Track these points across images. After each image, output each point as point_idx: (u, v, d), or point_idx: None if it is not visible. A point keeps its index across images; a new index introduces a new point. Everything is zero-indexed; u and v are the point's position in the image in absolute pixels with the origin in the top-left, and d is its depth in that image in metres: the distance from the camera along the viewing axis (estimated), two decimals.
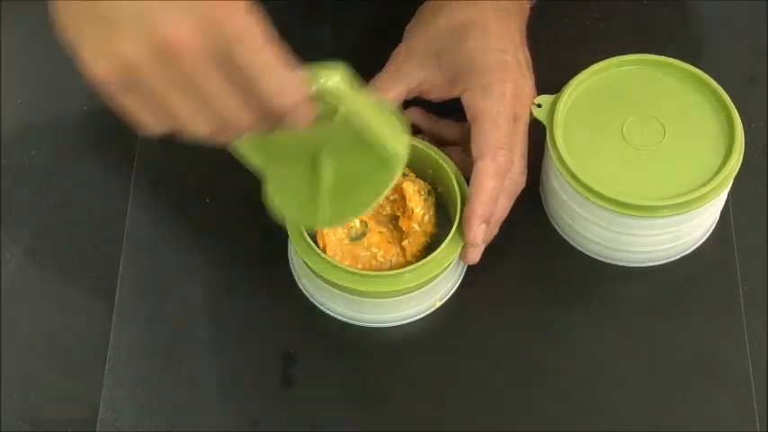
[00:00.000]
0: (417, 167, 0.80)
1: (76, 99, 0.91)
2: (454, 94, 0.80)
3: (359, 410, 0.77)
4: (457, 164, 0.79)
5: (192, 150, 0.88)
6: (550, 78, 0.80)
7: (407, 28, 0.83)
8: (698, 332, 0.79)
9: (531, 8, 0.85)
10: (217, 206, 0.85)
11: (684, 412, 0.77)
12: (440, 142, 0.82)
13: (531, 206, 0.83)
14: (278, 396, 0.78)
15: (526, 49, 0.82)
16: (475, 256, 0.78)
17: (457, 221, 0.77)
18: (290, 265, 0.82)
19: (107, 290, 0.82)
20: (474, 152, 0.77)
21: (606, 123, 0.79)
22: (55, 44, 0.95)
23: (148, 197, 0.86)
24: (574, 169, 0.76)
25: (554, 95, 0.80)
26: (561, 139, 0.78)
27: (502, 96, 0.77)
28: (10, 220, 0.86)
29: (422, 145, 0.80)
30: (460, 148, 0.81)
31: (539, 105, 0.80)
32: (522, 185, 0.79)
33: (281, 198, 0.73)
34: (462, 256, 0.78)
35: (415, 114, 0.83)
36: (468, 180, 0.77)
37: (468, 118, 0.78)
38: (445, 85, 0.80)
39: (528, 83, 0.80)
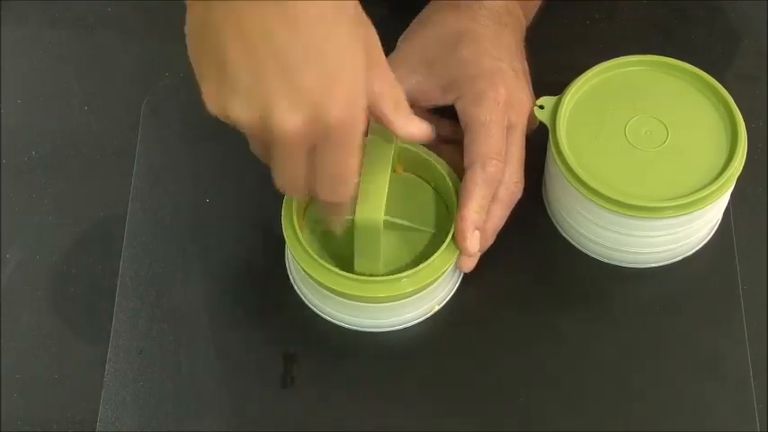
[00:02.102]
0: (412, 171, 0.81)
1: (76, 99, 0.92)
2: (447, 101, 0.79)
3: (358, 412, 0.77)
4: (450, 163, 0.79)
5: (192, 150, 0.89)
6: (551, 79, 0.80)
7: (401, 37, 0.83)
8: (698, 332, 0.79)
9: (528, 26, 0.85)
10: (217, 206, 0.85)
11: (684, 412, 0.77)
12: (437, 140, 0.82)
13: (532, 207, 0.83)
14: (278, 396, 0.78)
15: (524, 62, 0.82)
16: (470, 264, 0.78)
17: (453, 227, 0.77)
18: (288, 270, 0.82)
19: (107, 290, 0.82)
20: (465, 160, 0.77)
21: (609, 124, 0.79)
22: (55, 44, 0.96)
23: (148, 197, 0.86)
24: (576, 170, 0.76)
25: (556, 97, 0.80)
26: (564, 140, 0.78)
27: (495, 104, 0.77)
28: (10, 220, 0.86)
29: (415, 149, 0.79)
30: (455, 147, 0.81)
31: (541, 107, 0.79)
32: (519, 195, 0.79)
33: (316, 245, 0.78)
34: (457, 264, 0.78)
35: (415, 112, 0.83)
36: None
37: (461, 126, 0.78)
38: (437, 92, 0.79)
39: (524, 91, 0.80)
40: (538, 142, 0.80)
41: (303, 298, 0.81)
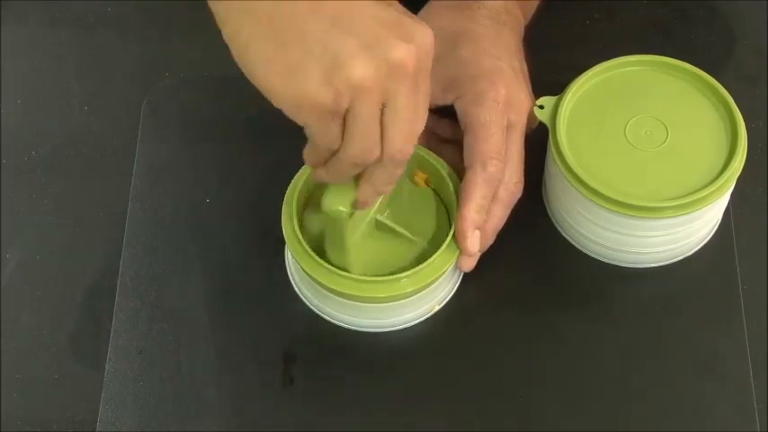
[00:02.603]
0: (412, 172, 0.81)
1: (76, 99, 0.92)
2: (447, 101, 0.79)
3: (358, 412, 0.77)
4: (449, 163, 0.79)
5: (192, 150, 0.89)
6: (551, 79, 0.80)
7: None
8: (698, 332, 0.79)
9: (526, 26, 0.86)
10: (217, 206, 0.85)
11: (684, 412, 0.77)
12: (437, 140, 0.82)
13: (532, 207, 0.83)
14: (278, 396, 0.78)
15: (523, 61, 0.82)
16: (470, 264, 0.78)
17: (453, 227, 0.77)
18: (288, 271, 0.82)
19: (107, 290, 0.82)
20: (465, 161, 0.77)
21: (609, 124, 0.79)
22: (55, 44, 0.96)
23: (148, 197, 0.86)
24: (576, 170, 0.76)
25: (556, 97, 0.80)
26: (564, 140, 0.78)
27: (494, 103, 0.77)
28: (10, 220, 0.86)
29: (414, 149, 0.79)
30: (455, 147, 0.81)
31: (541, 107, 0.79)
32: (519, 195, 0.79)
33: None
34: (457, 264, 0.78)
35: None
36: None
37: (461, 126, 0.78)
38: (437, 92, 0.79)
39: (524, 90, 0.80)
40: (538, 142, 0.80)
41: (303, 298, 0.81)
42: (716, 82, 0.80)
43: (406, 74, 0.63)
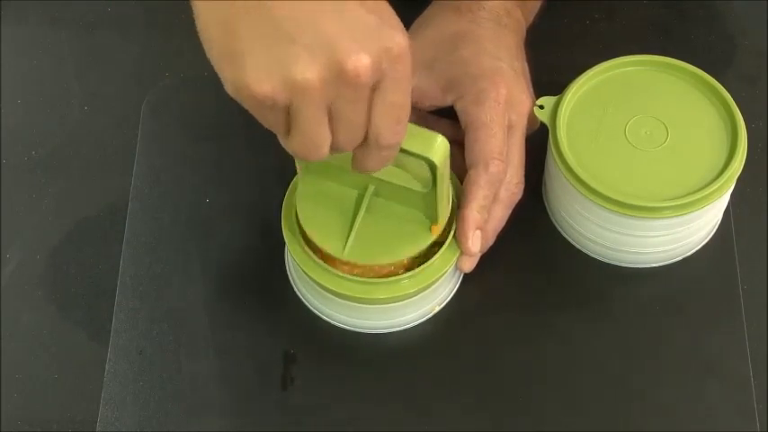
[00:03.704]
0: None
1: (76, 99, 0.92)
2: (447, 102, 0.79)
3: (358, 412, 0.77)
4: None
5: (192, 150, 0.89)
6: (551, 79, 0.80)
7: None
8: (698, 333, 0.79)
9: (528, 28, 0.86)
10: (217, 206, 0.85)
11: (684, 412, 0.77)
12: None
13: (533, 207, 0.83)
14: (278, 396, 0.78)
15: (524, 62, 0.82)
16: (470, 264, 0.78)
17: (454, 227, 0.77)
18: (288, 272, 0.82)
19: (107, 290, 0.82)
20: (467, 161, 0.77)
21: (609, 124, 0.79)
22: (55, 44, 0.96)
23: (148, 197, 0.86)
24: (576, 170, 0.76)
25: (556, 97, 0.80)
26: (564, 140, 0.78)
27: (495, 103, 0.77)
28: (10, 220, 0.86)
29: None
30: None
31: (541, 107, 0.79)
32: (520, 195, 0.79)
33: (307, 208, 0.75)
34: (458, 264, 0.78)
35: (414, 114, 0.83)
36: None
37: (462, 126, 0.78)
38: (438, 93, 0.79)
39: (525, 91, 0.80)
40: (538, 142, 0.81)
41: (303, 298, 0.81)
42: (716, 82, 0.80)
43: (357, 84, 0.60)
